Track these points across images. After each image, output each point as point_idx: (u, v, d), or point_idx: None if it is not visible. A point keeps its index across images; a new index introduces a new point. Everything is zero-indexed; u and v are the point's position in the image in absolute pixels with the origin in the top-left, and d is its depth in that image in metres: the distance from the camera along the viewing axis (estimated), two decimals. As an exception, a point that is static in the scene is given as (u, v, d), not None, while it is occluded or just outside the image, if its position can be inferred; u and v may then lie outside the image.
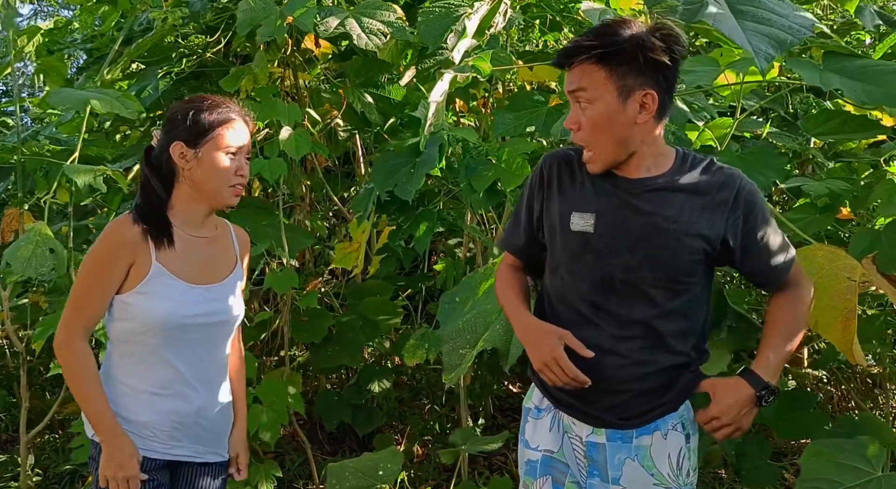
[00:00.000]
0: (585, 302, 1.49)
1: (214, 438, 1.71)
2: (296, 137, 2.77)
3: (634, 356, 1.46)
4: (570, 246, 1.50)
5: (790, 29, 1.37)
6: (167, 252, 1.56)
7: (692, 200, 1.42)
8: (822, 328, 1.50)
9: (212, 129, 1.56)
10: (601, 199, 1.47)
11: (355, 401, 3.35)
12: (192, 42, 3.49)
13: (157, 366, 1.58)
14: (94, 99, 2.12)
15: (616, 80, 1.34)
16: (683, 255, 1.43)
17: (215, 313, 1.62)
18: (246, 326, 3.11)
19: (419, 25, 2.65)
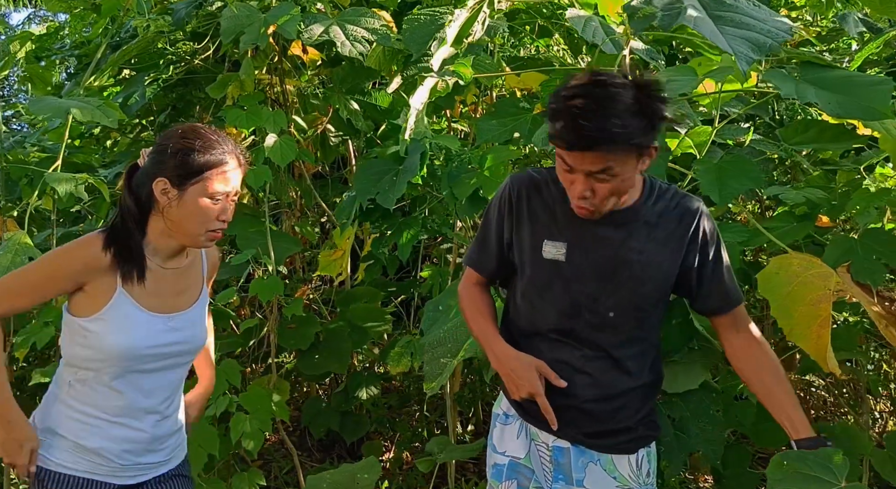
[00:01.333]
0: (553, 327, 1.53)
1: (171, 452, 1.68)
2: (281, 144, 2.78)
3: (598, 378, 1.50)
4: (541, 273, 1.52)
5: (769, 33, 1.37)
6: (131, 281, 1.51)
7: (657, 232, 1.46)
8: (796, 336, 1.50)
9: (200, 173, 1.48)
10: (572, 228, 1.49)
11: (343, 409, 3.34)
12: (180, 49, 3.49)
13: (110, 394, 1.52)
14: (75, 107, 2.11)
15: (638, 148, 1.33)
16: (647, 285, 1.47)
17: (178, 343, 1.57)
18: (232, 334, 3.11)
19: (404, 33, 2.65)
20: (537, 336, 1.55)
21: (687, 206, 1.48)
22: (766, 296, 1.54)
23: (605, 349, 1.50)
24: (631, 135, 1.28)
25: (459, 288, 1.70)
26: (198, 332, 1.63)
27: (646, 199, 1.48)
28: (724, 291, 1.48)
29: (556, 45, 4.11)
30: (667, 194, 1.50)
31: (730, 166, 1.70)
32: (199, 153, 1.48)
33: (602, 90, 1.29)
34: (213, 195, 1.49)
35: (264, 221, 2.95)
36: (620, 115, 1.27)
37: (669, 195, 1.50)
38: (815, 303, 1.49)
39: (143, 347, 1.50)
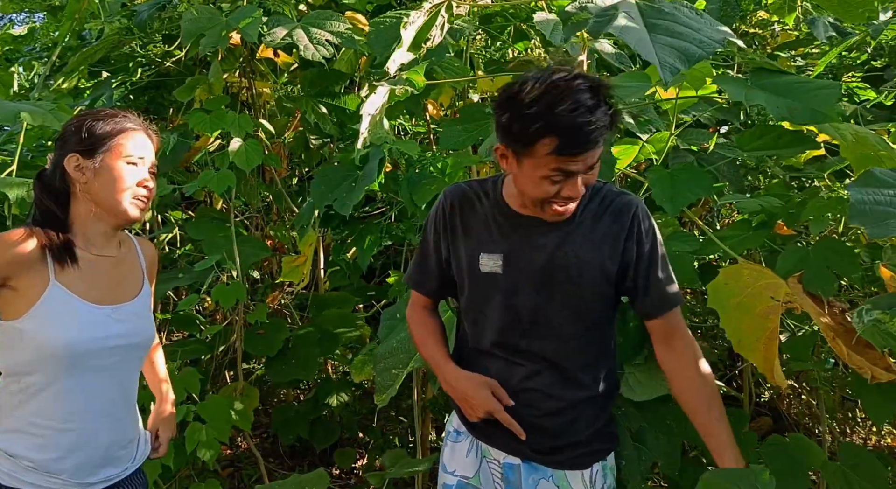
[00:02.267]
0: (497, 341, 1.50)
1: (128, 456, 1.60)
2: (246, 149, 2.74)
3: (546, 390, 1.47)
4: (480, 287, 1.50)
5: (701, 42, 1.34)
6: (68, 271, 1.44)
7: (591, 233, 1.43)
8: (743, 349, 1.47)
9: (110, 138, 1.46)
10: (507, 239, 1.46)
11: (313, 416, 3.30)
12: (151, 51, 3.45)
13: (58, 398, 1.43)
14: (25, 111, 2.07)
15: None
16: (587, 290, 1.44)
17: (124, 335, 1.50)
18: (198, 341, 3.07)
19: (369, 35, 2.62)
20: (484, 352, 1.52)
21: (622, 203, 1.44)
22: (716, 307, 1.50)
23: (553, 361, 1.46)
24: (613, 114, 1.29)
25: (407, 311, 1.67)
26: (144, 326, 1.57)
27: (580, 200, 1.44)
28: (660, 291, 1.44)
29: (536, 48, 4.09)
30: (601, 192, 1.47)
31: (682, 174, 1.67)
32: (103, 122, 1.48)
33: (576, 83, 1.26)
34: (128, 158, 1.48)
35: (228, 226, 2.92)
36: (598, 101, 1.27)
37: (604, 193, 1.46)
38: (763, 315, 1.46)
39: (86, 340, 1.42)
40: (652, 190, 1.67)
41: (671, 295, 1.44)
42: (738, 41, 1.42)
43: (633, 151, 2.09)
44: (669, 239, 1.69)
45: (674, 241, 1.68)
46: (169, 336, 4.00)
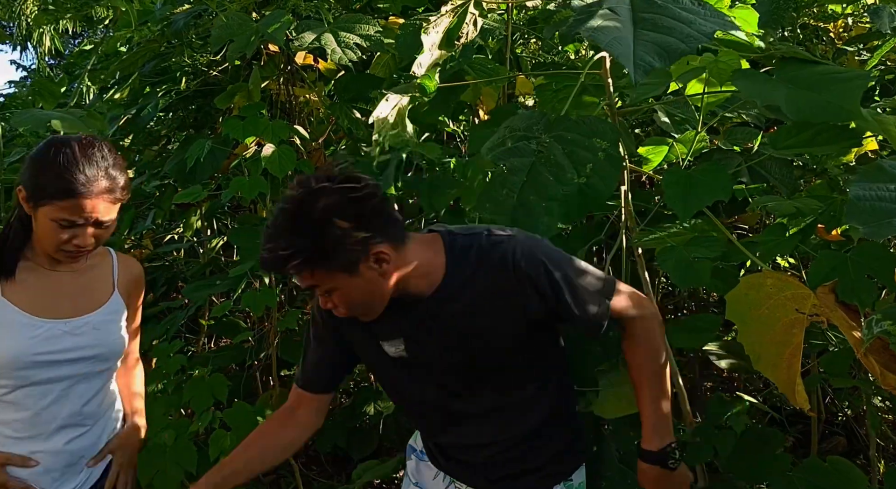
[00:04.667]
0: (429, 416, 1.47)
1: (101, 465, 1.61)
2: (279, 155, 2.74)
3: (496, 436, 1.43)
4: (392, 372, 1.45)
5: (687, 37, 1.23)
6: (14, 284, 1.45)
7: (478, 302, 1.33)
8: (763, 365, 1.33)
9: (46, 196, 1.38)
10: (400, 324, 1.38)
11: (350, 424, 3.27)
12: (197, 60, 3.52)
13: (10, 409, 1.46)
14: (56, 119, 2.12)
15: (335, 266, 1.23)
16: (500, 354, 1.37)
17: (79, 349, 1.49)
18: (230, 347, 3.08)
19: (397, 38, 2.58)
20: (422, 427, 1.52)
21: (497, 254, 1.32)
22: (734, 319, 1.37)
23: (493, 409, 1.41)
24: (291, 257, 1.19)
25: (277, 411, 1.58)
26: (105, 338, 1.55)
27: (451, 271, 1.34)
28: (584, 324, 1.34)
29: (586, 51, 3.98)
30: (471, 251, 1.34)
31: (702, 176, 1.54)
32: (54, 175, 1.38)
33: (280, 215, 1.23)
34: (61, 221, 1.40)
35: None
36: (286, 236, 1.20)
37: (475, 251, 1.34)
38: (786, 329, 1.32)
39: (31, 354, 1.43)
40: (665, 191, 1.55)
41: (597, 315, 1.35)
42: (740, 33, 1.30)
43: (662, 151, 1.96)
44: (689, 244, 1.56)
45: (694, 247, 1.55)
46: (216, 342, 4.06)
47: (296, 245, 1.19)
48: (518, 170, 1.54)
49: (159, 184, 3.71)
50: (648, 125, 3.11)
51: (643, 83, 1.61)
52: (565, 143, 1.51)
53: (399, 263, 1.29)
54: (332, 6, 3.06)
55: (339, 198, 1.20)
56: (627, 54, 1.20)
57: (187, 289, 3.04)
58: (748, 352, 1.35)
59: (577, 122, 1.56)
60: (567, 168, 1.48)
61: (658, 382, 1.36)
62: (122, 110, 3.53)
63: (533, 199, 1.50)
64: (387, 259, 1.26)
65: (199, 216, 3.72)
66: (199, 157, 2.76)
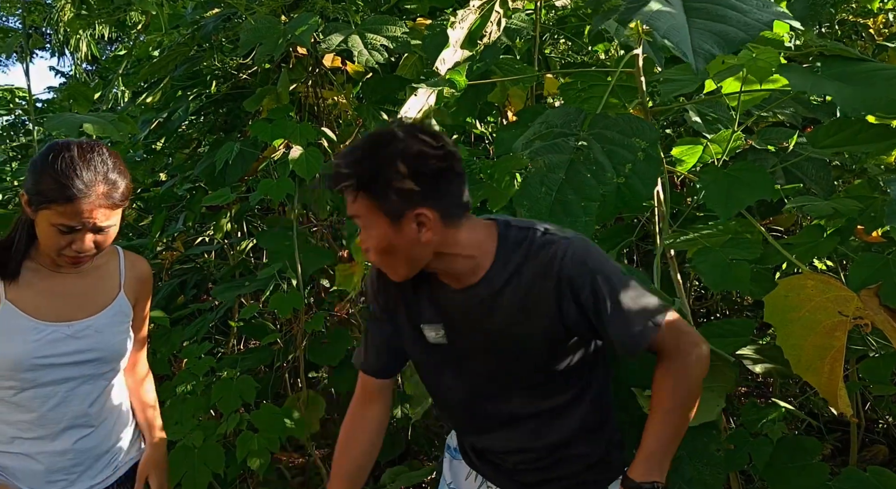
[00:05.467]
0: (463, 410, 1.43)
1: (107, 467, 1.61)
2: (307, 157, 2.74)
3: (528, 444, 1.39)
4: (431, 359, 1.41)
5: (745, 25, 1.19)
6: (19, 288, 1.44)
7: (519, 301, 1.29)
8: (803, 370, 1.28)
9: (46, 201, 1.37)
10: (443, 309, 1.36)
11: (377, 426, 3.25)
12: (227, 64, 3.54)
13: (18, 410, 1.46)
14: (88, 122, 2.15)
15: (381, 207, 1.21)
16: (538, 353, 1.32)
17: (82, 352, 1.48)
18: (258, 349, 3.09)
19: (424, 39, 2.57)
20: (456, 421, 1.49)
21: (546, 256, 1.27)
22: (773, 322, 1.33)
23: (529, 414, 1.37)
24: (347, 176, 1.21)
25: (350, 407, 1.55)
26: (107, 340, 1.54)
27: (499, 262, 1.30)
28: (619, 342, 1.26)
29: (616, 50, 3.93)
30: (522, 246, 1.29)
31: (739, 175, 1.50)
32: (52, 180, 1.36)
33: (367, 136, 1.26)
34: (59, 226, 1.38)
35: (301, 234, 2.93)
36: (353, 158, 1.22)
37: (525, 247, 1.29)
38: (828, 332, 1.27)
39: (34, 358, 1.43)
40: (704, 192, 1.51)
41: (636, 338, 1.26)
42: (796, 23, 1.25)
43: (697, 152, 1.92)
44: (726, 246, 1.52)
45: (731, 249, 1.51)
46: (246, 343, 4.09)
47: (355, 169, 1.21)
48: (556, 167, 1.51)
49: (190, 186, 3.74)
50: (679, 125, 3.06)
51: (673, 79, 1.57)
52: (605, 141, 1.48)
53: (445, 238, 1.26)
54: (360, 8, 3.06)
55: (413, 146, 1.21)
56: (686, 42, 1.17)
57: (216, 291, 3.05)
58: (787, 355, 1.30)
59: (617, 121, 1.53)
60: (607, 167, 1.45)
61: (673, 419, 1.28)
62: (153, 114, 3.58)
63: (571, 198, 1.47)
64: (427, 224, 1.22)
65: (229, 218, 3.74)
66: (228, 160, 2.77)
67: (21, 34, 2.86)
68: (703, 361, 1.29)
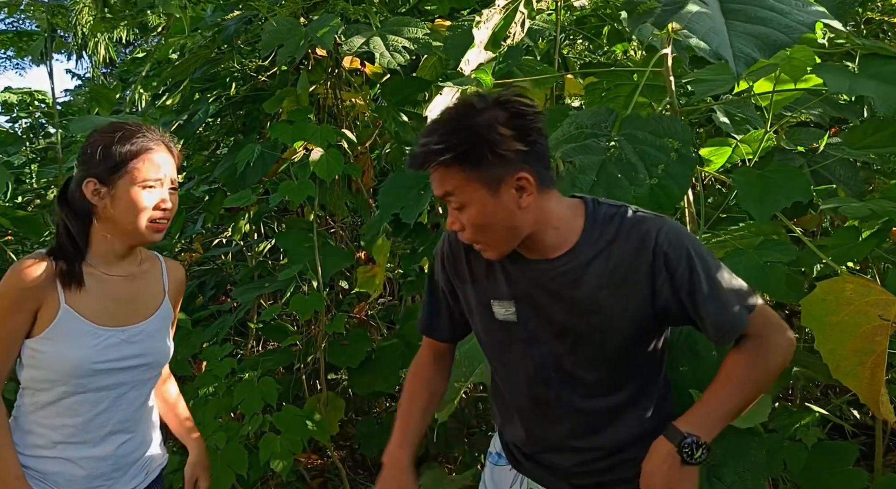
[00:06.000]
0: (525, 394, 1.37)
1: (140, 472, 1.61)
2: (327, 158, 2.73)
3: (583, 439, 1.35)
4: (497, 336, 1.37)
5: (786, 27, 1.16)
6: (77, 293, 1.45)
7: (609, 275, 1.25)
8: (843, 375, 1.26)
9: (125, 163, 1.42)
10: (517, 284, 1.31)
11: (397, 429, 3.23)
12: (246, 66, 3.55)
13: (67, 414, 1.46)
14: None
15: (479, 176, 1.18)
16: (615, 337, 1.27)
17: (134, 357, 1.50)
18: (278, 350, 3.09)
19: (446, 40, 2.56)
20: (515, 405, 1.42)
21: (640, 231, 1.23)
22: (811, 326, 1.30)
23: (588, 409, 1.33)
24: (442, 153, 1.15)
25: (414, 358, 1.55)
26: (157, 346, 1.56)
27: (588, 234, 1.26)
28: (715, 323, 1.22)
29: (634, 51, 3.91)
30: (613, 222, 1.26)
31: (774, 176, 1.47)
32: (120, 144, 1.42)
33: (444, 113, 1.20)
34: (144, 183, 1.43)
35: (321, 235, 2.93)
36: (442, 131, 1.16)
37: (617, 223, 1.26)
38: (869, 336, 1.24)
39: (93, 363, 1.44)
40: (738, 193, 1.49)
41: (733, 319, 1.22)
42: (836, 23, 1.22)
43: (726, 152, 1.90)
44: (760, 248, 1.49)
45: (765, 251, 1.48)
46: (264, 345, 4.09)
47: (451, 140, 1.16)
48: (588, 168, 1.49)
49: (209, 188, 3.75)
50: (702, 125, 3.03)
51: (706, 79, 1.55)
52: (636, 141, 1.46)
53: (539, 205, 1.22)
54: (379, 10, 3.05)
55: (508, 109, 1.17)
56: (725, 45, 1.15)
57: (237, 292, 3.05)
58: (826, 360, 1.28)
59: (649, 121, 1.51)
60: (639, 168, 1.43)
61: (741, 392, 1.23)
62: (173, 116, 3.58)
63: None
64: (528, 189, 1.19)
65: (248, 220, 3.74)
66: (250, 162, 2.77)
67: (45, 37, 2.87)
68: (788, 349, 1.26)
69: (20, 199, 4.53)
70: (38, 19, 3.00)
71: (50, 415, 1.47)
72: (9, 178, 2.54)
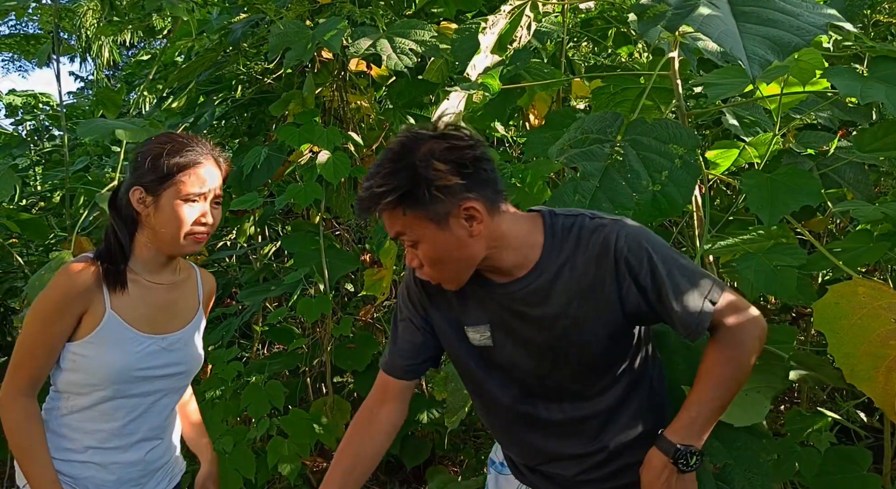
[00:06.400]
0: (514, 414, 1.37)
1: (164, 478, 1.63)
2: (334, 161, 2.73)
3: (580, 449, 1.35)
4: (476, 363, 1.36)
5: (798, 29, 1.16)
6: (122, 298, 1.46)
7: (575, 286, 1.25)
8: (857, 379, 1.25)
9: (172, 176, 1.45)
10: (488, 308, 1.32)
11: (403, 432, 3.23)
12: (251, 69, 3.55)
13: (102, 419, 1.48)
14: (120, 128, 2.15)
15: (425, 214, 1.18)
16: (593, 344, 1.27)
17: (172, 365, 1.53)
18: (285, 354, 3.09)
19: (453, 43, 2.55)
20: (507, 427, 1.41)
21: (599, 238, 1.24)
22: (823, 330, 1.30)
23: (580, 417, 1.33)
24: (383, 196, 1.17)
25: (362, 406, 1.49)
26: (192, 353, 1.58)
27: (549, 249, 1.26)
28: (682, 320, 1.22)
29: (639, 53, 3.90)
30: (573, 232, 1.26)
31: (784, 179, 1.47)
32: (169, 156, 1.45)
33: (381, 156, 1.21)
34: (188, 197, 1.45)
35: (327, 238, 2.93)
36: (383, 173, 1.18)
37: (576, 232, 1.26)
38: (882, 340, 1.24)
39: (135, 369, 1.46)
40: (747, 196, 1.48)
41: (698, 314, 1.23)
42: (848, 25, 1.22)
43: (733, 155, 1.89)
44: (770, 251, 1.49)
45: (775, 255, 1.47)
46: (269, 348, 4.08)
47: (391, 183, 1.17)
48: (591, 174, 1.48)
49: (214, 191, 3.74)
50: (709, 128, 3.02)
51: (716, 83, 1.55)
52: (640, 147, 1.46)
53: (492, 229, 1.22)
54: (385, 12, 3.05)
55: (441, 144, 1.18)
56: (739, 48, 1.14)
57: (243, 294, 3.05)
58: (840, 364, 1.27)
59: (654, 126, 1.50)
60: (642, 175, 1.42)
61: (720, 391, 1.24)
62: (179, 118, 3.59)
63: (605, 206, 1.45)
64: (478, 217, 1.20)
65: (253, 223, 3.74)
66: (256, 165, 2.77)
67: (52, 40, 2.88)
68: (761, 334, 1.27)
69: (24, 202, 4.54)
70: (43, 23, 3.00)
71: (85, 419, 1.48)
72: (16, 181, 2.54)
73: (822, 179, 1.99)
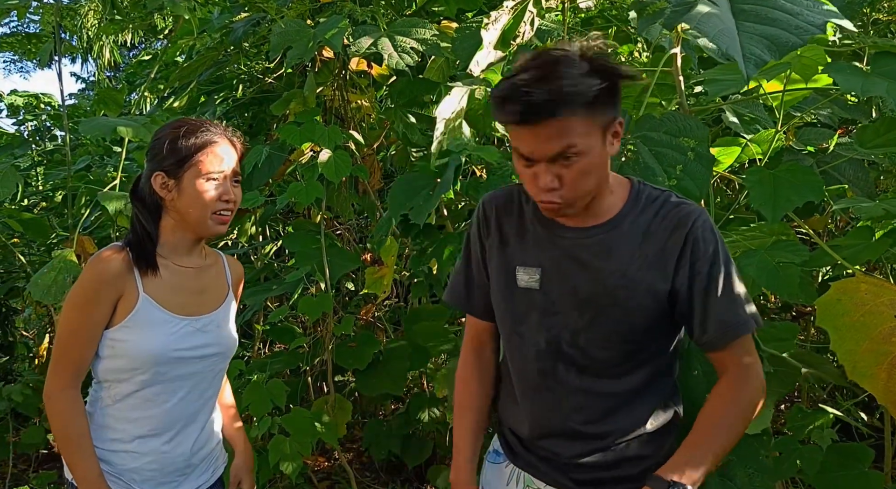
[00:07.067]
0: (533, 368, 1.34)
1: (207, 470, 1.64)
2: (335, 160, 2.73)
3: (588, 425, 1.32)
4: (515, 304, 1.34)
5: (797, 28, 1.16)
6: (154, 282, 1.49)
7: (642, 249, 1.24)
8: (859, 376, 1.25)
9: (190, 156, 1.48)
10: (546, 251, 1.30)
11: (404, 431, 3.24)
12: (252, 68, 3.55)
13: (145, 406, 1.50)
14: (121, 126, 2.15)
15: (600, 121, 1.15)
16: (636, 314, 1.25)
17: (208, 346, 1.54)
18: (287, 352, 3.09)
19: (454, 42, 2.56)
20: (522, 382, 1.38)
21: (680, 214, 1.23)
22: (826, 326, 1.30)
23: (596, 391, 1.30)
24: (585, 93, 1.09)
25: (462, 346, 1.51)
26: (225, 335, 1.60)
27: (630, 209, 1.26)
28: (721, 319, 1.21)
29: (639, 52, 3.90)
30: (657, 202, 1.27)
31: (786, 176, 1.47)
32: (186, 137, 1.48)
33: (546, 58, 1.12)
34: (209, 175, 1.48)
35: (328, 237, 2.93)
36: (571, 75, 1.09)
37: (660, 203, 1.26)
38: (884, 338, 1.24)
39: (172, 350, 1.48)
40: (749, 193, 1.48)
41: (736, 322, 1.22)
42: (848, 23, 1.22)
43: (734, 152, 1.89)
44: (772, 248, 1.49)
45: (777, 251, 1.48)
46: (271, 347, 4.09)
47: (582, 85, 1.09)
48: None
49: (215, 190, 3.74)
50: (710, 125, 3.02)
51: (717, 80, 1.55)
52: (652, 143, 1.46)
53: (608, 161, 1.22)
54: (385, 11, 3.05)
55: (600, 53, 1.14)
56: (735, 47, 1.14)
57: (244, 293, 3.05)
58: (842, 361, 1.27)
59: (663, 121, 1.50)
60: (657, 171, 1.42)
61: (721, 437, 1.22)
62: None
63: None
64: (619, 135, 1.18)
65: (254, 222, 3.75)
66: (257, 164, 2.77)
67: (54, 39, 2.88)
68: (762, 393, 1.26)
69: (26, 202, 4.55)
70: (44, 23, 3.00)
71: (128, 407, 1.50)
72: (18, 180, 2.55)
73: (822, 176, 2.00)
